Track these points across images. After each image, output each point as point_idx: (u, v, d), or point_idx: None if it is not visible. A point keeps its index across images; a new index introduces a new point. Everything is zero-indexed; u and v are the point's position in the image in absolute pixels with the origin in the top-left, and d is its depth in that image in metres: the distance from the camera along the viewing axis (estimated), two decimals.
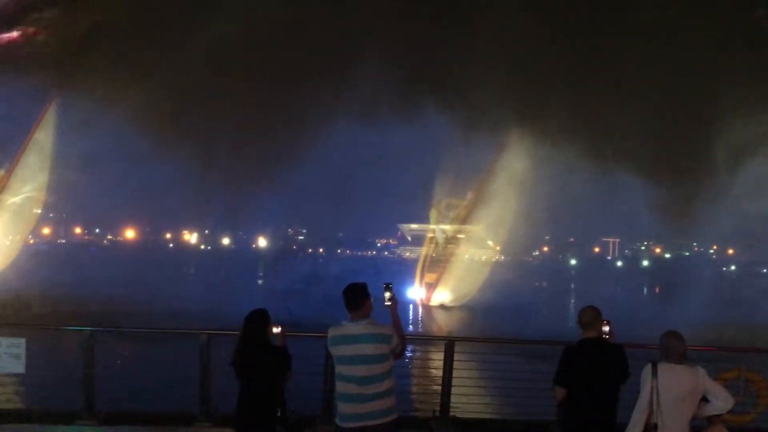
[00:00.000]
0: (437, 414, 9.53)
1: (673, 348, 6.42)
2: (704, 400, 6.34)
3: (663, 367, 6.32)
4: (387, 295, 6.81)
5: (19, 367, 8.93)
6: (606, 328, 7.07)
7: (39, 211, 71.84)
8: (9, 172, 57.79)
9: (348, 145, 60.09)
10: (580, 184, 58.34)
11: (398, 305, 6.90)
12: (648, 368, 6.37)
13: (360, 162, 61.04)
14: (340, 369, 6.43)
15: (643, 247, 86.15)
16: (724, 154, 56.60)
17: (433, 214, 63.40)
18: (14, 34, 64.31)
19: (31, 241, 76.08)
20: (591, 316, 6.90)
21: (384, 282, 6.88)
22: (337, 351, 6.48)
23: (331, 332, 6.55)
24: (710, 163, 58.28)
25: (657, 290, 64.75)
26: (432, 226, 68.63)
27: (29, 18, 65.01)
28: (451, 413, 9.48)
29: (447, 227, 69.46)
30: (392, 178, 61.24)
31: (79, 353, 9.14)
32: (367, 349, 6.40)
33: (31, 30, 64.84)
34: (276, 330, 7.04)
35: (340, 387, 6.45)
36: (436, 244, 66.64)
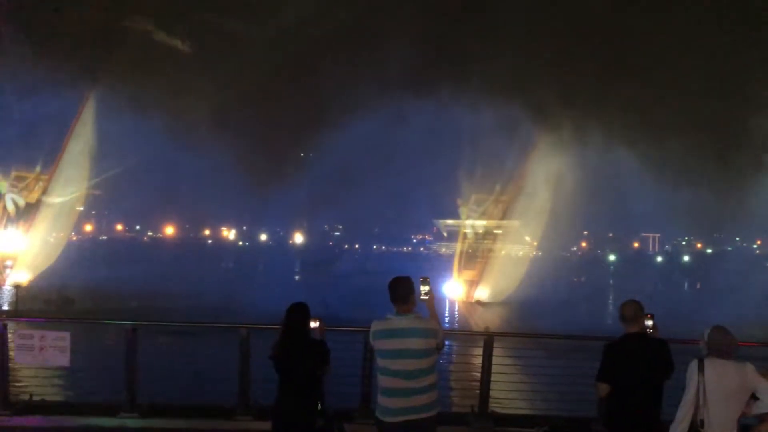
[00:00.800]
0: (475, 409, 9.48)
1: (720, 343, 6.27)
2: (754, 397, 6.18)
3: (710, 363, 6.18)
4: (424, 288, 6.76)
5: (65, 361, 9.11)
6: (649, 323, 6.94)
7: (81, 208, 73.50)
8: (51, 172, 58.90)
9: (384, 141, 60.08)
10: (619, 179, 57.62)
11: (435, 299, 6.88)
12: (694, 364, 6.24)
13: (396, 157, 60.95)
14: (385, 363, 6.34)
15: (684, 243, 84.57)
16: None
17: (463, 210, 63.06)
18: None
19: (74, 238, 77.79)
20: (633, 310, 6.78)
21: (421, 276, 6.86)
22: (383, 345, 6.39)
23: (376, 326, 6.47)
24: (752, 156, 57.02)
25: (698, 286, 63.47)
26: (468, 222, 68.35)
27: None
28: (490, 409, 9.42)
29: (483, 222, 69.06)
30: (428, 172, 61.06)
31: (122, 347, 9.27)
32: (416, 343, 6.35)
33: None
34: (314, 324, 7.05)
35: (386, 381, 6.37)
36: (473, 239, 66.36)
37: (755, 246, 76.47)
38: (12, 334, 9.34)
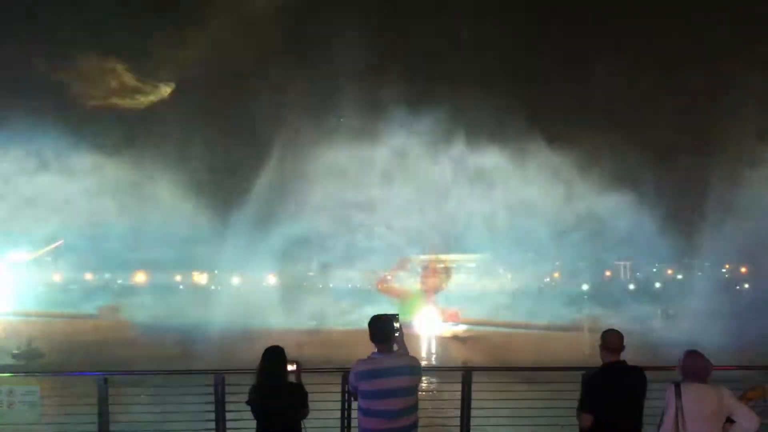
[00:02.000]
0: None
1: (695, 367, 6.33)
2: (729, 421, 6.23)
3: (686, 387, 6.23)
4: (395, 326, 6.75)
5: (35, 416, 8.88)
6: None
7: (49, 258, 72.42)
8: None
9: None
10: (587, 207, 58.26)
11: (404, 336, 6.84)
12: (671, 389, 6.29)
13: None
14: (369, 404, 6.25)
15: (654, 269, 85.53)
16: (734, 171, 56.48)
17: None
18: None
19: (40, 289, 76.30)
20: (620, 339, 6.80)
21: (389, 313, 6.83)
22: (368, 386, 6.29)
23: (361, 366, 6.38)
24: (720, 179, 58.09)
25: (670, 312, 64.10)
26: (442, 256, 68.45)
27: None
28: None
29: (456, 256, 69.29)
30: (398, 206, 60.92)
31: (94, 399, 9.07)
32: (404, 381, 6.29)
33: None
34: (291, 368, 6.98)
35: (371, 423, 6.27)
36: (445, 273, 66.47)
37: (724, 270, 77.60)
38: None
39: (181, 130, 64.09)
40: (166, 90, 77.48)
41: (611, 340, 6.79)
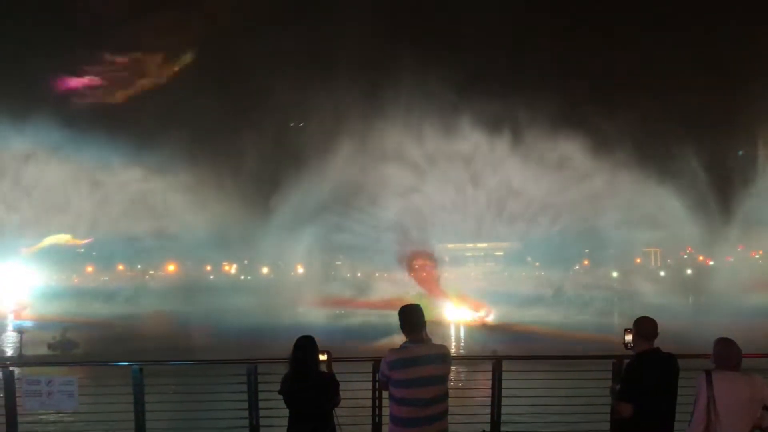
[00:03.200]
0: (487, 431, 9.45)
1: (727, 355, 6.27)
2: (765, 408, 6.17)
3: (717, 376, 6.17)
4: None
5: (73, 404, 9.10)
6: (628, 338, 6.93)
7: (82, 250, 73.59)
8: None
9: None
10: (617, 193, 57.68)
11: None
12: (702, 377, 6.23)
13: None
14: (402, 393, 6.31)
15: (686, 256, 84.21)
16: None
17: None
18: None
19: (76, 280, 77.69)
20: (655, 327, 6.74)
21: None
22: (401, 374, 6.35)
23: (394, 356, 6.43)
24: (751, 164, 57.18)
25: (702, 299, 63.22)
26: (468, 245, 68.28)
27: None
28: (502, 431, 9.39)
29: (483, 245, 69.03)
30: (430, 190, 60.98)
31: (129, 388, 9.25)
32: (436, 370, 6.37)
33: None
34: (323, 357, 7.05)
35: (401, 411, 6.34)
36: (474, 262, 66.32)
37: (757, 256, 76.20)
38: (18, 380, 9.33)
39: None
40: (187, 58, 77.30)
41: (646, 327, 6.71)
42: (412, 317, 6.50)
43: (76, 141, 57.02)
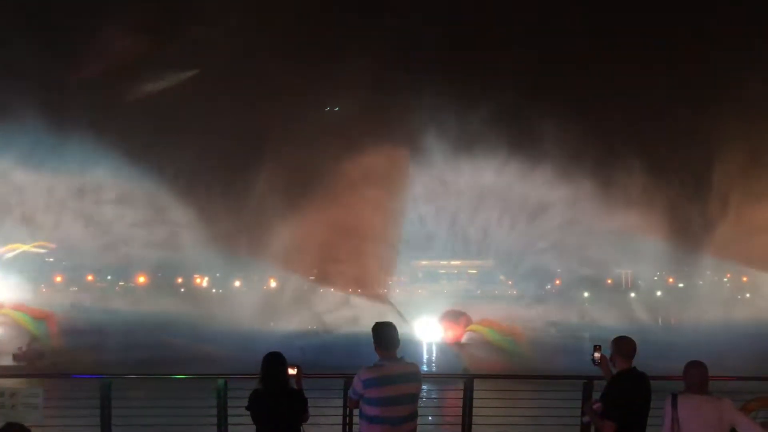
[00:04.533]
0: None
1: (692, 378, 6.32)
2: None
3: (683, 398, 6.23)
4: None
5: (37, 418, 8.92)
6: (597, 355, 7.02)
7: (51, 259, 72.41)
8: None
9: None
10: (589, 214, 58.24)
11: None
12: (668, 399, 6.29)
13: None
14: (376, 411, 6.29)
15: (656, 278, 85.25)
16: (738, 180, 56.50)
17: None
18: None
19: (44, 290, 76.32)
20: (635, 346, 6.79)
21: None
22: (375, 393, 6.32)
23: (369, 374, 6.38)
24: (723, 188, 58.08)
25: (672, 321, 64.00)
26: (442, 262, 68.49)
27: None
28: None
29: (457, 262, 69.31)
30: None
31: (96, 401, 9.11)
32: (410, 388, 6.36)
33: None
34: (292, 371, 7.02)
35: (373, 429, 6.33)
36: (447, 279, 66.50)
37: (725, 279, 77.43)
38: None
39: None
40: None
41: (626, 346, 6.76)
42: (387, 335, 6.48)
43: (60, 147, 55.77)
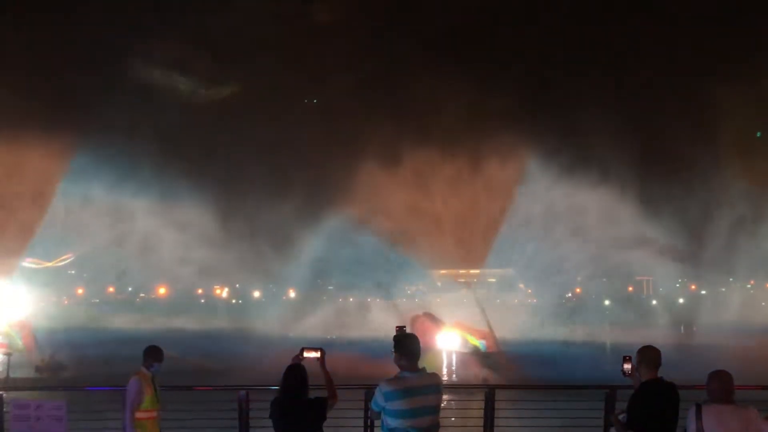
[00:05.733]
0: None
1: (716, 387, 6.26)
2: None
3: (708, 409, 6.16)
4: (308, 355, 7.01)
5: (62, 429, 9.01)
6: (627, 366, 6.96)
7: (72, 271, 73.08)
8: None
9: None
10: (608, 221, 57.77)
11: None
12: (692, 410, 6.22)
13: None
14: (397, 423, 6.23)
15: (677, 285, 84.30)
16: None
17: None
18: None
19: (66, 302, 77.10)
20: (660, 356, 6.74)
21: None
22: (398, 405, 6.24)
23: (390, 386, 6.29)
24: (748, 193, 57.44)
25: (694, 328, 63.26)
26: (461, 271, 68.23)
27: None
28: None
29: (476, 271, 68.99)
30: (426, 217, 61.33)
31: (118, 413, 9.17)
32: (432, 400, 6.32)
33: None
34: (315, 354, 7.07)
35: None
36: (466, 288, 66.15)
37: (749, 286, 76.41)
38: (6, 404, 9.24)
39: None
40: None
41: (653, 356, 6.72)
42: (409, 346, 6.46)
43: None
